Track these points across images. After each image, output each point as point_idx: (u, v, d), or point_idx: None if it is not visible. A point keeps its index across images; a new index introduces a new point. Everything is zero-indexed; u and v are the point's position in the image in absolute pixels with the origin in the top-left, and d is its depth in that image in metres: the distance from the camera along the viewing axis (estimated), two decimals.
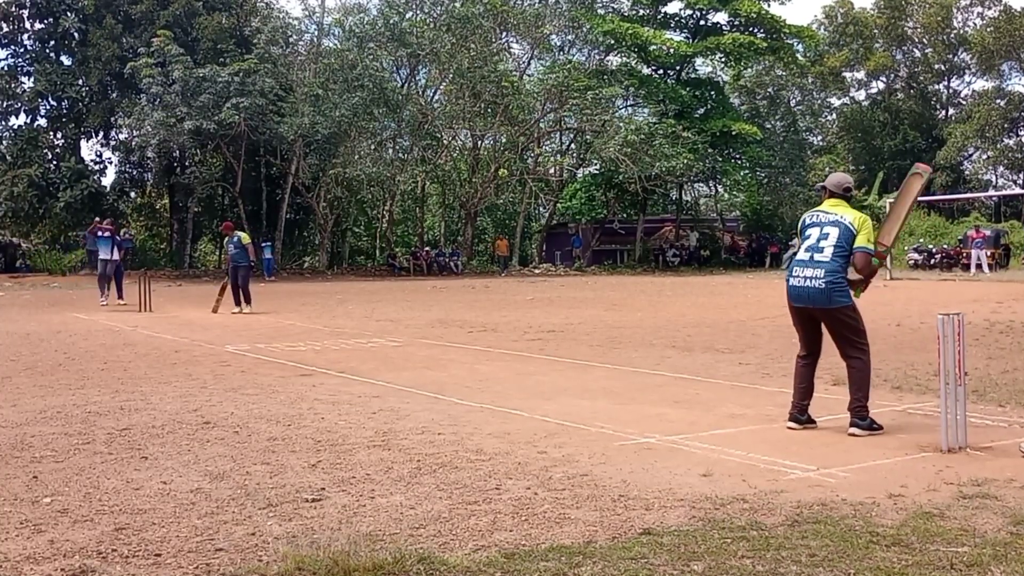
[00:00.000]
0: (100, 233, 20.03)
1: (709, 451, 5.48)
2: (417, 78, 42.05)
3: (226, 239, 18.40)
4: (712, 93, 43.75)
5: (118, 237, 21.66)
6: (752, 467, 5.06)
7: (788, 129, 47.87)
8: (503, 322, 14.94)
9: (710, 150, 39.73)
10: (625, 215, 45.46)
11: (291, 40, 39.89)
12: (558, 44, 44.33)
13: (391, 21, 37.73)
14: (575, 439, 5.82)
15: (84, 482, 4.81)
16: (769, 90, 48.63)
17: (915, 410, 6.78)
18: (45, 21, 39.66)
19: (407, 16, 39.33)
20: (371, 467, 5.09)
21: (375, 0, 40.76)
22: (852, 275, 6.04)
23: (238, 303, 17.29)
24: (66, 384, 8.33)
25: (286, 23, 39.67)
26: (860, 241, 5.93)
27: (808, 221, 6.22)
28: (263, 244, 36.21)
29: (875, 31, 52.84)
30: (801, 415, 6.14)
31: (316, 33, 41.51)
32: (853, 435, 5.86)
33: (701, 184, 47.52)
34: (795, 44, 43.50)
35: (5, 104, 39.14)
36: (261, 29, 37.44)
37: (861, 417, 5.92)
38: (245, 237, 18.28)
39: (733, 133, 39.92)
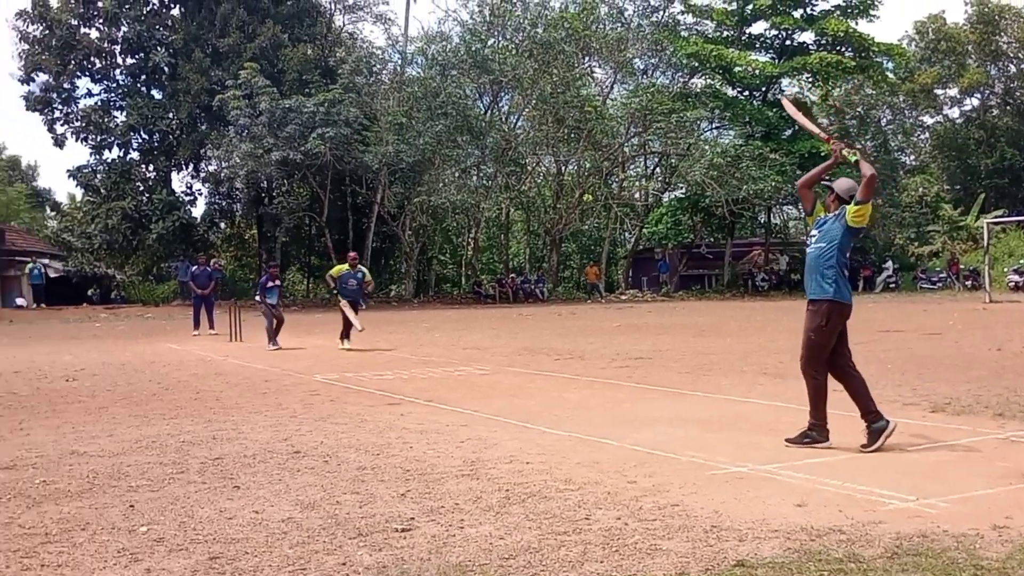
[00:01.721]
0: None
1: (804, 480, 5.33)
2: (500, 104, 42.35)
3: (342, 272, 16.19)
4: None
5: (208, 268, 22.18)
6: (849, 497, 4.92)
7: (879, 149, 46.66)
8: (590, 349, 14.82)
9: (798, 172, 38.98)
10: (712, 239, 44.90)
11: (375, 69, 40.55)
12: (641, 67, 44.16)
13: (473, 48, 38.09)
14: (665, 468, 5.71)
15: (179, 511, 4.87)
16: (859, 109, 47.48)
17: (1019, 437, 6.50)
18: (136, 56, 41.08)
19: (489, 43, 39.69)
20: (460, 496, 5.06)
21: (457, 28, 41.35)
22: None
23: (346, 337, 16.08)
24: (160, 414, 8.50)
25: (370, 53, 40.43)
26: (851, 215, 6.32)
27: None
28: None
29: (968, 47, 51.33)
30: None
31: (399, 62, 42.20)
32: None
33: (790, 207, 46.63)
34: (885, 62, 42.53)
35: (99, 138, 40.49)
36: (345, 59, 38.18)
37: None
38: (367, 272, 17.09)
39: (822, 154, 39.10)
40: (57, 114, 40.53)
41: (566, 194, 42.49)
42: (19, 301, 38.78)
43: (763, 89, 42.69)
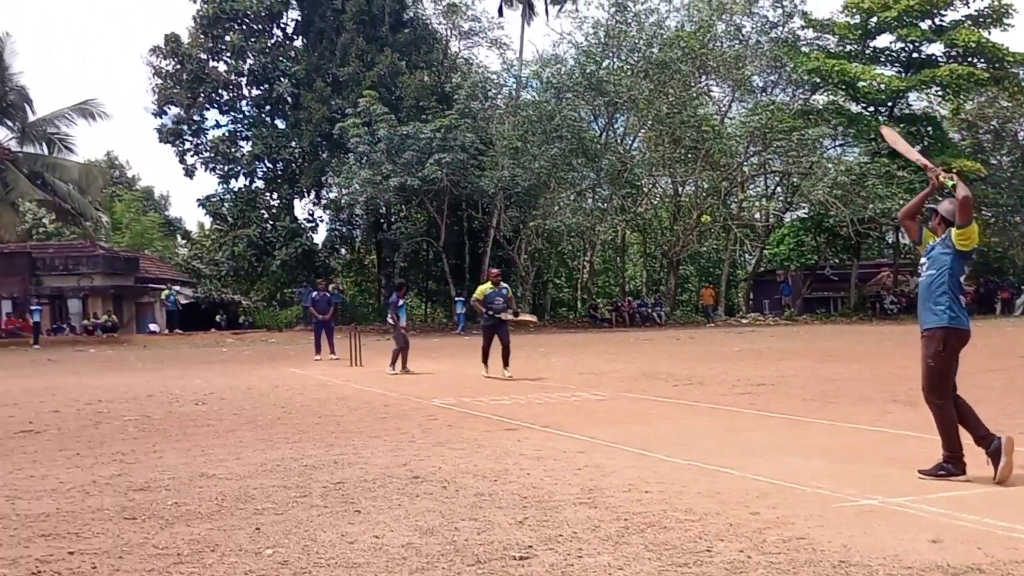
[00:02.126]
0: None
1: (938, 515, 5.07)
2: (615, 126, 42.27)
3: (487, 292, 15.19)
4: (929, 129, 41.40)
5: (328, 293, 22.67)
6: (987, 533, 4.66)
7: (1016, 164, 44.61)
8: (710, 375, 14.54)
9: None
10: (837, 260, 43.69)
11: (490, 94, 41.03)
12: (760, 85, 43.37)
13: (588, 70, 38.13)
14: (790, 500, 5.52)
15: (302, 535, 4.94)
16: (993, 123, 45.53)
17: None
18: (261, 87, 42.71)
19: (604, 64, 39.67)
20: (578, 525, 4.99)
21: (572, 50, 41.48)
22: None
23: (506, 364, 14.68)
24: (284, 437, 8.69)
25: (485, 78, 40.90)
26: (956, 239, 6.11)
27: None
28: (456, 299, 37.29)
29: None
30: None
31: (514, 86, 42.58)
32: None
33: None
34: (1020, 73, 40.64)
35: (227, 168, 42.17)
36: (461, 85, 38.71)
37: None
38: (510, 289, 15.99)
39: (954, 171, 37.60)
40: (187, 145, 42.45)
41: (683, 215, 42.01)
42: (152, 327, 40.62)
43: (889, 104, 41.35)
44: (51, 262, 41.20)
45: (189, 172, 42.57)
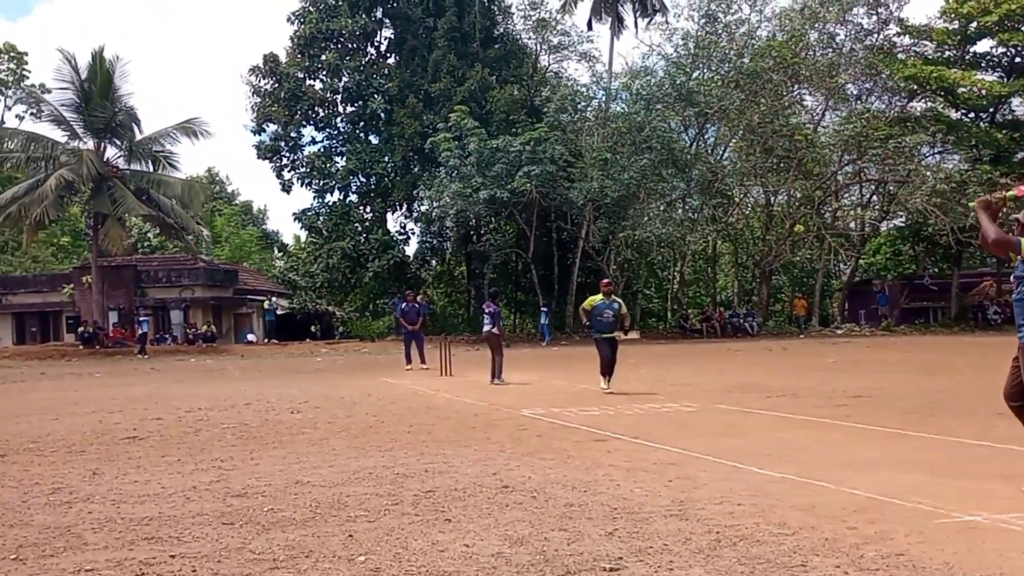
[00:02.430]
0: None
1: None
2: (705, 136, 41.90)
3: (596, 304, 14.26)
4: None
5: (417, 304, 22.88)
6: None
7: None
8: (804, 387, 14.24)
9: None
10: (937, 270, 42.36)
11: (579, 107, 41.05)
12: (855, 93, 42.44)
13: (678, 81, 37.92)
14: (888, 515, 5.37)
15: (394, 542, 5.01)
16: None
17: None
18: (356, 104, 43.58)
19: (694, 75, 39.41)
20: (668, 537, 4.95)
21: (662, 62, 41.29)
22: None
23: (608, 375, 14.25)
24: (376, 446, 8.82)
25: (574, 90, 40.95)
26: None
27: None
28: (542, 309, 37.30)
29: None
30: None
31: (604, 98, 42.56)
32: None
33: None
34: None
35: (322, 183, 43.10)
36: (551, 98, 38.85)
37: None
38: (623, 304, 14.98)
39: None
40: (284, 161, 43.53)
41: (776, 225, 41.32)
42: (250, 337, 41.72)
43: (991, 110, 40.05)
44: (155, 274, 42.69)
45: (286, 187, 43.63)
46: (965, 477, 6.56)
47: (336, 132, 44.42)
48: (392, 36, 44.46)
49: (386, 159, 42.31)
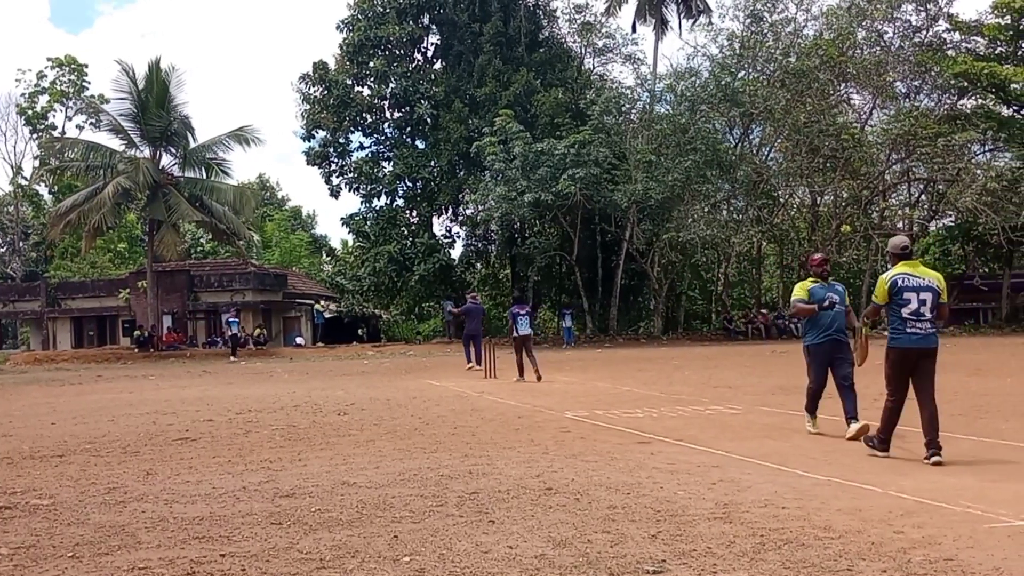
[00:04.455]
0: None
1: None
2: (751, 137, 41.56)
3: (811, 288, 9.34)
4: None
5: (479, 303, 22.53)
6: None
7: None
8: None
9: None
10: (987, 270, 41.61)
11: (624, 109, 40.96)
12: (903, 91, 41.82)
13: (723, 82, 37.66)
14: (936, 519, 5.32)
15: (438, 543, 5.07)
16: None
17: None
18: (403, 110, 43.93)
19: (739, 75, 39.10)
20: (712, 540, 4.95)
21: (706, 63, 41.02)
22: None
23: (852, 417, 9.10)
24: (421, 447, 8.89)
25: (619, 93, 40.89)
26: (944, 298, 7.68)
27: (904, 284, 7.64)
28: (564, 312, 37.26)
29: None
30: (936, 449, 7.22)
31: (648, 100, 42.39)
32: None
33: None
34: None
35: (369, 187, 43.52)
36: (595, 101, 38.80)
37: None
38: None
39: None
40: (333, 167, 44.03)
41: (822, 225, 40.87)
42: (298, 340, 42.17)
43: None
44: (207, 279, 43.37)
45: (334, 192, 44.09)
46: (1015, 480, 6.48)
47: (383, 137, 44.81)
48: (439, 42, 44.79)
49: (432, 163, 42.55)
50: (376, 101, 43.80)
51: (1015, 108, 39.64)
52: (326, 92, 43.15)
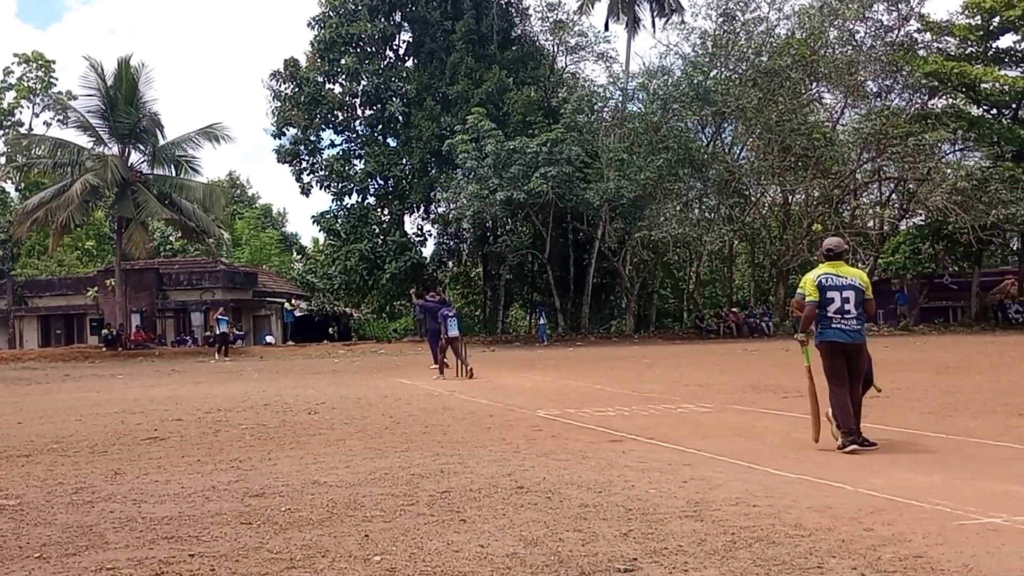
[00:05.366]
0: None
1: None
2: (723, 136, 41.75)
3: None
4: None
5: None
6: None
7: None
8: (821, 386, 14.13)
9: None
10: (957, 268, 42.03)
11: (596, 107, 41.00)
12: (874, 90, 42.19)
13: (695, 81, 37.79)
14: (906, 516, 5.36)
15: (409, 542, 5.04)
16: None
17: None
18: (374, 107, 43.71)
19: (711, 74, 39.24)
20: (683, 538, 4.95)
21: (679, 61, 41.17)
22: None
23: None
24: (392, 446, 8.86)
25: (591, 91, 40.91)
26: (869, 295, 8.04)
27: (827, 284, 7.95)
28: (540, 310, 37.36)
29: None
30: (859, 438, 7.69)
31: (620, 98, 42.48)
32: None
33: None
34: None
35: (340, 185, 43.30)
36: (568, 99, 38.83)
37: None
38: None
39: None
40: (304, 164, 43.71)
41: (793, 224, 41.16)
42: (268, 338, 41.95)
43: (1014, 106, 39.69)
44: (176, 277, 43.01)
45: (305, 190, 43.80)
46: (984, 478, 6.53)
47: (355, 135, 44.58)
48: (411, 39, 44.61)
49: (404, 161, 42.42)
50: (347, 98, 43.57)
51: (985, 108, 40.09)
52: (297, 89, 42.88)
